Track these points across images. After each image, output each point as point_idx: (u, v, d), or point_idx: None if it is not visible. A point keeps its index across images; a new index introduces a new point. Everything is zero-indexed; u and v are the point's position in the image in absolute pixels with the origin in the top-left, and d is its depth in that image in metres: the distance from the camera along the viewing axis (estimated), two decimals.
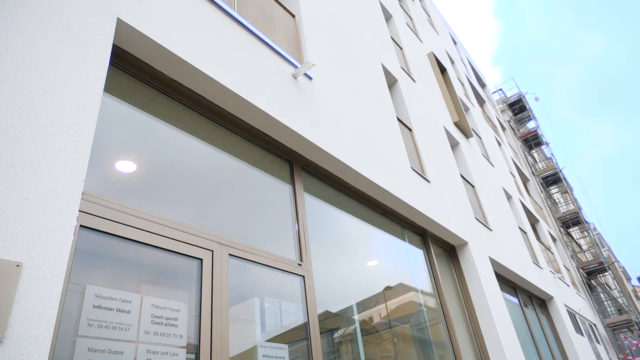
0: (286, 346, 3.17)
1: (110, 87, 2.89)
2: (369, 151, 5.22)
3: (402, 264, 5.58)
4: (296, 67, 4.52)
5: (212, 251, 2.93)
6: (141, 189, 2.79)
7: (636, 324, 18.56)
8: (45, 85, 2.18)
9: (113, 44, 2.92)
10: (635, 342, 18.08)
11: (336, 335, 3.92)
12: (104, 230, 2.37)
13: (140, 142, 2.95)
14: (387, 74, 7.65)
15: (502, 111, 24.22)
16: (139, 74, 3.12)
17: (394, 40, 9.31)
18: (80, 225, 2.28)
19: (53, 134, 2.11)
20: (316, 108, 4.57)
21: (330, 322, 3.90)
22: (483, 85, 21.52)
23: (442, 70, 11.72)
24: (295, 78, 4.44)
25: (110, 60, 2.94)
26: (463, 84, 15.07)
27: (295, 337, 3.32)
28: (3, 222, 1.77)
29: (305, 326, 3.42)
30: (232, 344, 2.75)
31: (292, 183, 4.18)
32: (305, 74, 4.67)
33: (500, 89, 25.76)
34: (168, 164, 3.07)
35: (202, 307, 2.67)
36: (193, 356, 2.48)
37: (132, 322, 2.26)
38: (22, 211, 1.85)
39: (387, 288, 5.09)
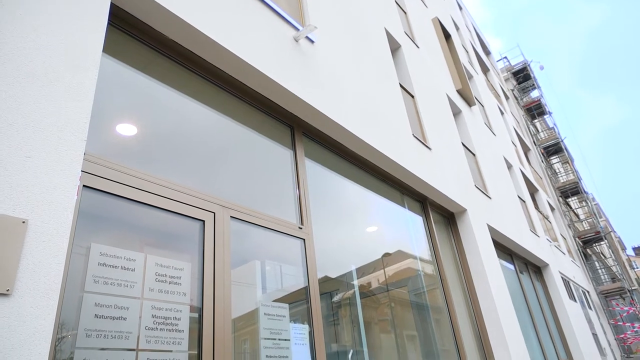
0: (286, 305, 3.26)
1: (109, 48, 2.84)
2: (371, 117, 5.19)
3: (401, 230, 5.66)
4: (298, 30, 4.43)
5: (214, 213, 2.96)
6: (142, 152, 2.80)
7: (628, 291, 18.97)
8: (43, 44, 2.15)
9: (111, 3, 2.85)
10: (626, 308, 18.54)
11: (335, 298, 4.02)
12: (106, 190, 2.40)
13: (140, 104, 2.93)
14: (391, 39, 7.50)
15: (506, 80, 23.88)
16: (138, 34, 3.06)
17: (398, 5, 9.07)
18: (83, 186, 2.30)
19: (53, 93, 2.10)
20: (318, 72, 4.51)
21: (330, 286, 3.99)
22: (488, 53, 21.13)
23: (447, 36, 11.48)
24: (297, 41, 4.36)
25: (109, 20, 2.88)
26: (467, 51, 14.80)
27: (296, 299, 3.40)
28: (7, 180, 1.78)
29: (306, 289, 3.50)
30: (233, 304, 2.83)
31: (293, 148, 4.18)
32: (307, 37, 4.58)
33: (505, 57, 25.31)
34: (169, 127, 3.07)
35: (205, 267, 2.73)
36: (196, 315, 2.56)
37: (137, 280, 2.32)
38: (25, 169, 1.86)
39: (386, 254, 5.18)
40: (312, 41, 4.64)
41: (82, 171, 2.29)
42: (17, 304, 1.64)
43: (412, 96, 7.19)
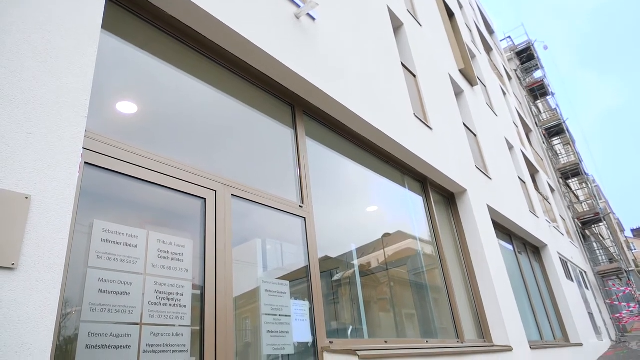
0: (287, 282, 3.30)
1: (109, 25, 2.81)
2: (372, 96, 5.16)
3: (402, 210, 5.68)
4: (299, 6, 4.36)
5: (215, 191, 2.98)
6: (143, 130, 2.79)
7: (625, 272, 19.16)
8: (42, 19, 2.13)
9: None
10: (622, 288, 18.77)
11: (335, 277, 4.07)
12: (108, 168, 2.41)
13: (140, 82, 2.91)
14: (393, 17, 7.39)
15: (509, 60, 23.59)
16: (137, 10, 3.02)
17: None
18: (85, 163, 2.30)
19: (53, 68, 2.09)
20: (319, 50, 4.46)
21: (330, 265, 4.04)
22: (491, 32, 20.82)
23: (450, 14, 11.30)
24: (297, 18, 4.30)
25: None
26: (471, 30, 14.59)
27: (296, 277, 3.45)
28: (10, 155, 1.79)
29: (306, 267, 3.54)
30: (235, 281, 2.87)
31: (294, 127, 4.17)
32: (309, 14, 4.51)
33: (509, 37, 24.94)
34: (169, 105, 3.05)
35: (207, 244, 2.75)
36: (198, 292, 2.60)
37: (140, 256, 2.35)
38: (27, 145, 1.87)
39: (386, 235, 5.22)
40: (313, 18, 4.57)
41: (83, 148, 2.29)
42: (22, 278, 1.67)
43: (414, 75, 7.12)
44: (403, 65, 6.79)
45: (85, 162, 2.30)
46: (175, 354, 2.31)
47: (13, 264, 1.65)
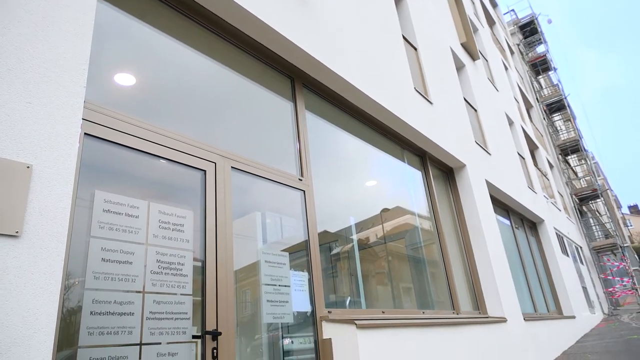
0: (287, 253, 3.36)
1: None
2: (372, 69, 5.11)
3: (400, 184, 5.71)
4: None
5: (215, 163, 2.99)
6: (141, 102, 2.78)
7: (620, 247, 19.41)
8: None
9: None
10: (616, 264, 19.06)
11: (334, 251, 4.12)
12: (108, 139, 2.41)
13: (138, 54, 2.88)
14: None
15: (511, 34, 23.21)
16: None
17: None
18: (85, 134, 2.30)
19: (50, 38, 2.06)
20: (319, 22, 4.39)
21: (329, 238, 4.08)
22: (494, 5, 20.42)
23: None
24: None
25: None
26: (473, 2, 14.30)
27: (296, 249, 3.49)
28: (10, 125, 1.79)
29: (305, 240, 3.59)
30: (235, 253, 2.91)
31: (294, 100, 4.15)
32: None
33: (512, 10, 24.48)
34: (168, 77, 3.03)
35: (207, 216, 2.78)
36: (199, 264, 2.64)
37: (141, 226, 2.38)
38: (26, 115, 1.86)
39: (385, 210, 5.26)
40: None
41: (82, 119, 2.29)
42: (27, 245, 1.69)
43: (415, 49, 7.03)
44: (404, 38, 6.69)
45: (85, 133, 2.31)
46: (178, 321, 2.37)
47: (17, 232, 1.67)
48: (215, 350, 2.49)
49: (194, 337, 2.44)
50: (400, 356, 3.53)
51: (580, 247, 17.09)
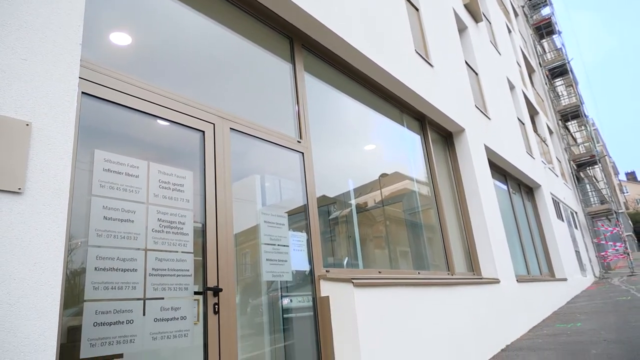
0: (286, 214, 3.41)
1: None
2: (373, 30, 5.00)
3: (399, 149, 5.72)
4: None
5: (214, 124, 2.98)
6: (138, 62, 2.74)
7: (615, 213, 19.65)
8: None
9: None
10: (610, 229, 19.35)
11: (332, 215, 4.18)
12: (106, 98, 2.39)
13: (134, 12, 2.81)
14: None
15: None
16: None
17: None
18: (82, 92, 2.29)
19: None
20: None
21: (327, 202, 4.12)
22: None
23: None
24: None
25: None
26: None
27: (295, 212, 3.54)
28: (6, 82, 1.78)
29: (304, 204, 3.63)
30: (235, 214, 2.95)
31: (292, 61, 4.09)
32: None
33: None
34: (164, 37, 2.97)
35: (206, 177, 2.80)
36: (200, 225, 2.68)
37: (141, 186, 2.41)
38: (23, 72, 1.85)
39: (383, 175, 5.28)
40: None
41: (80, 77, 2.26)
42: (30, 202, 1.72)
43: (417, 9, 6.86)
44: None
45: (83, 92, 2.29)
46: (180, 278, 2.44)
47: (19, 189, 1.69)
48: (216, 306, 2.58)
49: (195, 293, 2.52)
50: (395, 314, 3.65)
51: (576, 213, 17.29)
